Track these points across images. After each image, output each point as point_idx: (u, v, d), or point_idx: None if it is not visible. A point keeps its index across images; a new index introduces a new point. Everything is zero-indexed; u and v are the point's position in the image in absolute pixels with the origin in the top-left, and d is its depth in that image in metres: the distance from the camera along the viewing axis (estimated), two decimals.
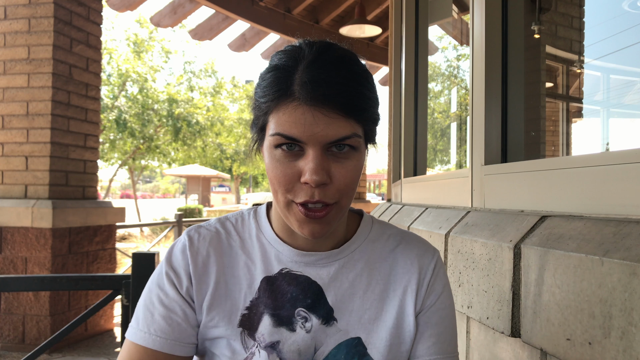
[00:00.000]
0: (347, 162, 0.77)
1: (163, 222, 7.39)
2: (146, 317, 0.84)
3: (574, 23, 2.85)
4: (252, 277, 0.87)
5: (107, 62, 14.02)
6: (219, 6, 5.51)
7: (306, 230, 0.79)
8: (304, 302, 0.85)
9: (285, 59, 0.78)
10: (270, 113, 0.77)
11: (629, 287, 0.77)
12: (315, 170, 0.74)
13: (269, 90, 0.77)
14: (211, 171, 23.88)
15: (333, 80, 0.74)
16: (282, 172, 0.76)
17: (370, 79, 0.81)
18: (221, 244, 0.90)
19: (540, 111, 2.34)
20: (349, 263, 0.89)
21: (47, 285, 2.04)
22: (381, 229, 0.96)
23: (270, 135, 0.77)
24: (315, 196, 0.76)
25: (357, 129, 0.77)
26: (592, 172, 1.06)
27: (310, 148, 0.74)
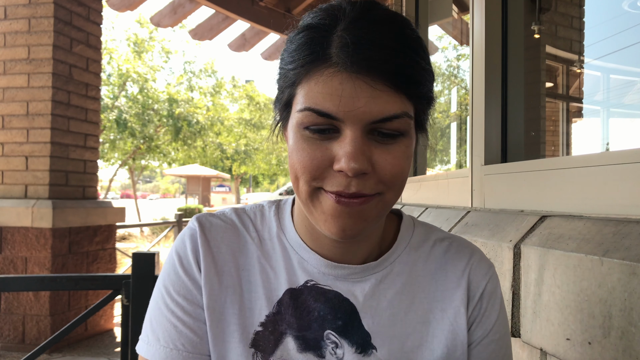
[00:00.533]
0: (394, 148, 0.61)
1: (163, 222, 7.39)
2: (168, 331, 0.69)
3: (574, 23, 2.85)
4: (271, 287, 0.71)
5: (107, 62, 14.02)
6: (219, 6, 5.51)
7: (335, 226, 0.61)
8: (333, 323, 0.69)
9: (321, 16, 0.62)
10: (299, 83, 0.61)
11: (629, 287, 0.77)
12: (354, 155, 0.57)
13: (298, 54, 0.61)
14: (211, 171, 23.88)
15: (383, 42, 0.58)
16: (309, 154, 0.60)
17: (426, 49, 0.64)
18: (237, 240, 0.74)
19: (540, 111, 2.34)
20: (388, 277, 0.72)
21: (47, 285, 2.04)
22: (425, 233, 0.78)
23: (297, 110, 0.61)
24: (352, 187, 0.59)
25: (408, 108, 0.61)
26: (592, 172, 1.06)
27: (347, 127, 0.58)
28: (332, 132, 0.60)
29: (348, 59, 0.57)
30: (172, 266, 0.72)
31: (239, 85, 21.61)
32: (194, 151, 17.14)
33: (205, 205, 24.54)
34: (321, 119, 0.59)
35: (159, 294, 0.72)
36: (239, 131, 20.81)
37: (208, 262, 0.71)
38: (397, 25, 0.61)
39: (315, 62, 0.59)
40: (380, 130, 0.60)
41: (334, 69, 0.58)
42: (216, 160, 22.45)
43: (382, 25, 0.60)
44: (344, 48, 0.57)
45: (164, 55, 15.73)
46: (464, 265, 0.74)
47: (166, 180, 63.97)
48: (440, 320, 0.71)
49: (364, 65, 0.57)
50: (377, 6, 0.62)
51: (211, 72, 18.40)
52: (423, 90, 0.62)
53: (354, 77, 0.57)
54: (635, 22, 2.25)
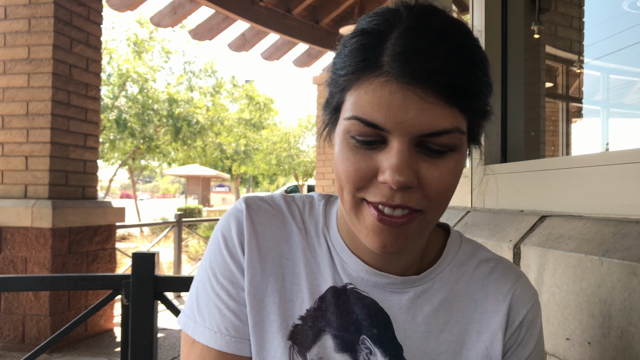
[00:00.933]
0: (443, 164, 0.59)
1: (163, 222, 7.39)
2: (212, 313, 0.69)
3: (573, 23, 2.85)
4: (315, 282, 0.70)
5: (107, 62, 14.02)
6: (219, 6, 5.51)
7: (376, 242, 0.60)
8: (369, 330, 0.68)
9: (377, 22, 0.59)
10: (349, 90, 0.60)
11: (629, 286, 0.77)
12: (399, 167, 0.56)
13: (349, 60, 0.59)
14: (211, 171, 23.88)
15: (436, 52, 0.55)
16: (354, 165, 0.59)
17: (485, 59, 0.61)
18: (284, 227, 0.72)
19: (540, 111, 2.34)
20: (427, 293, 0.70)
21: (47, 285, 2.04)
22: (471, 251, 0.75)
23: (345, 118, 0.60)
24: (396, 199, 0.58)
25: (460, 122, 0.58)
26: (592, 172, 1.06)
27: (395, 139, 0.57)
28: (378, 142, 0.58)
29: (399, 69, 0.55)
30: (217, 247, 0.71)
31: (238, 85, 21.62)
32: (194, 151, 17.14)
33: (205, 205, 24.54)
34: (368, 129, 0.57)
35: (205, 274, 0.71)
36: (239, 131, 20.81)
37: (252, 247, 0.69)
38: (455, 34, 0.58)
39: (365, 69, 0.58)
40: (429, 145, 0.58)
41: (384, 78, 0.56)
42: (216, 160, 22.45)
43: (439, 34, 0.57)
44: (396, 57, 0.55)
45: (164, 55, 15.73)
46: (507, 289, 0.71)
47: (166, 180, 63.97)
48: (475, 342, 0.69)
49: (415, 76, 0.55)
50: (436, 13, 0.60)
51: (211, 72, 18.40)
52: (478, 104, 0.60)
53: (404, 88, 0.55)
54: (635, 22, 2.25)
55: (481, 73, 0.59)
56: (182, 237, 6.56)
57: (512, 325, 0.70)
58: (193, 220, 8.66)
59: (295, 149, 21.72)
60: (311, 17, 6.78)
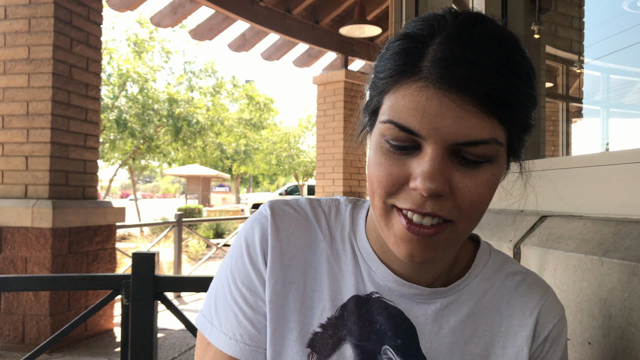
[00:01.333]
0: (478, 175, 0.58)
1: (163, 222, 7.40)
2: (229, 318, 0.68)
3: (574, 23, 2.85)
4: (337, 290, 0.68)
5: (107, 62, 14.02)
6: (219, 6, 5.51)
7: (404, 251, 0.60)
8: (393, 340, 0.67)
9: (421, 26, 0.59)
10: (387, 93, 0.59)
11: (629, 287, 0.77)
12: (431, 175, 0.55)
13: (390, 63, 0.59)
14: (211, 171, 23.88)
15: (478, 61, 0.54)
16: (386, 170, 0.58)
17: (530, 69, 0.60)
18: (308, 233, 0.71)
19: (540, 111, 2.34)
20: (454, 305, 0.69)
21: (47, 285, 2.04)
22: (499, 263, 0.74)
23: (381, 122, 0.59)
24: (427, 207, 0.57)
25: (498, 134, 0.57)
26: (592, 172, 1.06)
27: (429, 145, 0.56)
28: (412, 148, 0.57)
29: (438, 75, 0.54)
30: (239, 252, 0.70)
31: (239, 85, 21.62)
32: (194, 151, 17.14)
33: (205, 205, 24.55)
34: (402, 134, 0.57)
35: (225, 278, 0.71)
36: (239, 131, 20.81)
37: (275, 254, 0.69)
38: (501, 43, 0.57)
39: (405, 73, 0.57)
40: (464, 155, 0.56)
41: (422, 83, 0.55)
42: (216, 160, 22.45)
43: (483, 42, 0.56)
44: (437, 63, 0.55)
45: (164, 55, 15.72)
46: (534, 303, 0.70)
47: (166, 180, 63.98)
48: (500, 356, 0.68)
49: (454, 83, 0.54)
50: (483, 21, 0.59)
51: (211, 72, 18.40)
52: (519, 116, 0.58)
53: (441, 94, 0.54)
54: (635, 22, 2.25)
55: (524, 85, 0.57)
56: (182, 237, 6.56)
57: (537, 340, 0.69)
58: (193, 220, 8.66)
59: (295, 149, 21.72)
60: (311, 17, 6.78)
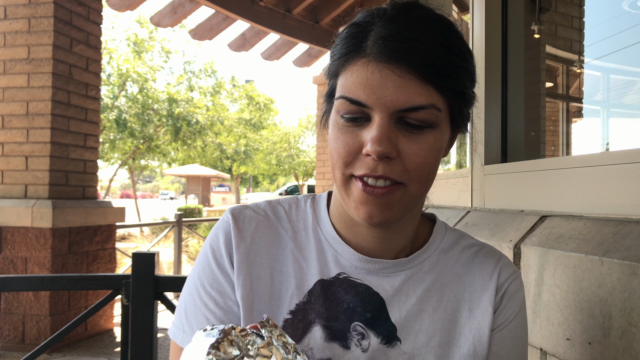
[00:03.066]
0: (421, 139, 0.64)
1: (163, 222, 7.39)
2: (200, 322, 0.71)
3: (574, 23, 2.85)
4: (303, 277, 0.73)
5: (107, 62, 14.02)
6: (219, 6, 5.51)
7: (363, 212, 0.65)
8: (362, 315, 0.71)
9: (365, 15, 0.67)
10: (339, 75, 0.67)
11: (629, 287, 0.77)
12: (379, 139, 0.61)
13: (340, 48, 0.67)
14: (211, 171, 23.88)
15: (413, 36, 0.61)
16: (342, 142, 0.65)
17: (464, 47, 0.67)
18: (270, 231, 0.76)
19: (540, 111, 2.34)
20: (417, 275, 0.74)
21: (47, 285, 2.04)
22: (455, 238, 0.81)
23: (335, 99, 0.66)
24: (379, 170, 0.63)
25: (436, 100, 0.63)
26: (592, 172, 1.06)
27: (376, 114, 0.62)
28: (363, 120, 0.64)
29: (378, 50, 0.61)
30: (206, 260, 0.75)
31: (238, 85, 21.61)
32: (194, 151, 17.14)
33: (205, 205, 24.54)
34: (353, 107, 0.64)
35: (193, 286, 0.74)
36: (239, 131, 20.80)
37: (240, 253, 0.73)
38: (435, 23, 0.64)
39: (351, 53, 0.65)
40: (408, 120, 0.63)
41: (365, 59, 0.63)
42: (216, 160, 22.45)
43: (418, 21, 0.63)
44: (377, 41, 0.62)
45: (164, 55, 15.72)
46: (491, 268, 0.76)
47: (166, 180, 63.97)
48: (468, 319, 0.73)
49: (392, 55, 0.61)
50: (417, 6, 0.66)
51: (211, 72, 18.40)
52: (453, 85, 0.64)
53: (382, 67, 0.61)
54: (635, 22, 2.25)
55: (457, 58, 0.64)
56: (182, 237, 6.56)
57: (497, 296, 0.75)
58: (193, 220, 8.66)
59: (295, 149, 21.72)
60: (311, 17, 6.78)
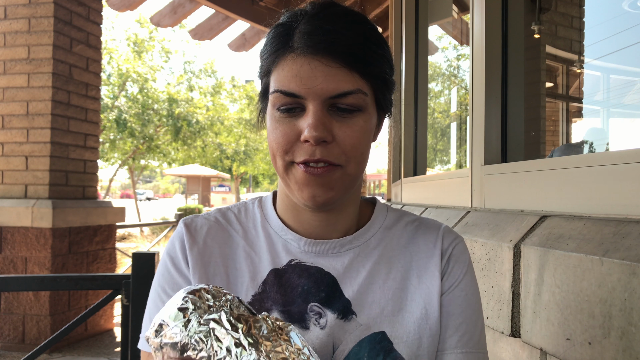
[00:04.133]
0: (353, 122, 0.70)
1: (163, 222, 7.39)
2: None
3: (574, 23, 2.85)
4: (255, 270, 0.78)
5: (107, 62, 14.01)
6: (219, 6, 5.51)
7: (306, 193, 0.71)
8: (317, 296, 0.76)
9: (287, 16, 0.73)
10: (271, 72, 0.72)
11: (629, 287, 0.77)
12: (315, 125, 0.67)
13: (268, 47, 0.73)
14: (211, 171, 23.87)
15: (335, 29, 0.68)
16: (281, 131, 0.70)
17: (380, 37, 0.73)
18: (221, 233, 0.82)
19: (540, 111, 2.34)
20: (365, 251, 0.80)
21: (47, 285, 2.04)
22: (397, 216, 0.87)
23: (270, 94, 0.72)
24: (317, 154, 0.68)
25: (362, 85, 0.69)
26: (592, 172, 1.06)
27: (310, 103, 0.68)
28: (299, 110, 0.69)
29: (305, 44, 0.68)
30: (164, 266, 0.80)
31: (238, 85, 21.60)
32: (194, 151, 17.14)
33: (205, 205, 24.54)
34: (288, 99, 0.69)
35: (155, 294, 0.79)
36: (239, 131, 20.80)
37: (194, 255, 0.79)
38: (352, 17, 0.71)
39: (279, 50, 0.70)
40: (339, 106, 0.69)
41: (294, 54, 0.69)
42: (216, 160, 22.43)
43: (337, 17, 0.70)
44: (303, 36, 0.68)
45: (164, 55, 15.72)
46: (434, 236, 0.82)
47: (166, 180, 63.97)
48: (417, 285, 0.78)
49: (318, 48, 0.67)
50: (335, 4, 0.72)
51: (211, 72, 18.39)
52: (376, 70, 0.71)
53: (310, 59, 0.68)
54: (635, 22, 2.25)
55: (376, 47, 0.71)
56: None
57: (443, 261, 0.80)
58: None
59: None
60: None
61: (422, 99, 2.95)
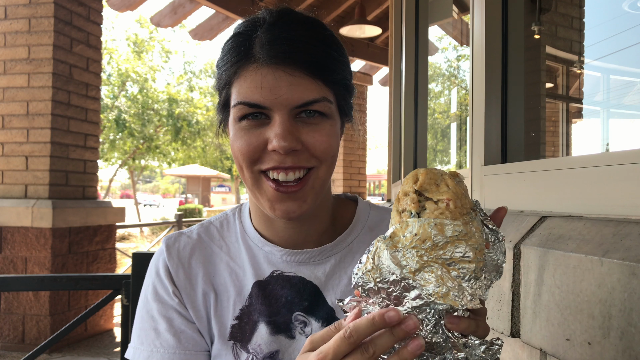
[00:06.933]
0: (320, 128, 0.70)
1: (163, 222, 7.40)
2: (148, 334, 0.77)
3: (574, 23, 2.85)
4: (240, 284, 0.79)
5: (107, 62, 14.02)
6: (219, 6, 5.51)
7: (279, 211, 0.70)
8: (300, 305, 0.77)
9: (245, 24, 0.72)
10: (232, 83, 0.71)
11: (629, 287, 0.77)
12: (283, 135, 0.66)
13: (227, 58, 0.71)
14: (211, 171, 23.87)
15: (296, 38, 0.68)
16: (245, 141, 0.69)
17: (339, 43, 0.74)
18: (204, 252, 0.82)
19: (540, 111, 2.34)
20: (347, 257, 0.79)
21: (47, 285, 2.04)
22: (380, 214, 0.86)
23: (232, 106, 0.70)
24: (287, 162, 0.68)
25: (326, 93, 0.69)
26: (592, 172, 1.06)
27: (275, 113, 0.67)
28: (263, 117, 0.69)
29: (267, 54, 0.66)
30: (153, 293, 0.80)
31: None
32: (194, 151, 17.14)
33: (205, 205, 24.53)
34: (252, 110, 0.68)
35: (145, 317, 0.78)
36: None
37: (181, 279, 0.79)
38: (311, 25, 0.71)
39: (241, 61, 0.68)
40: (305, 114, 0.69)
41: (257, 64, 0.67)
42: (216, 161, 22.44)
43: (297, 24, 0.69)
44: (264, 46, 0.67)
45: (164, 55, 15.73)
46: None
47: (166, 180, 63.97)
48: None
49: (281, 57, 0.66)
50: (292, 12, 0.72)
51: (211, 72, 18.39)
52: (338, 77, 0.71)
53: (273, 69, 0.66)
54: (635, 23, 2.25)
55: (336, 54, 0.71)
56: None
57: None
58: (193, 220, 8.67)
59: None
60: None
61: (422, 99, 2.95)
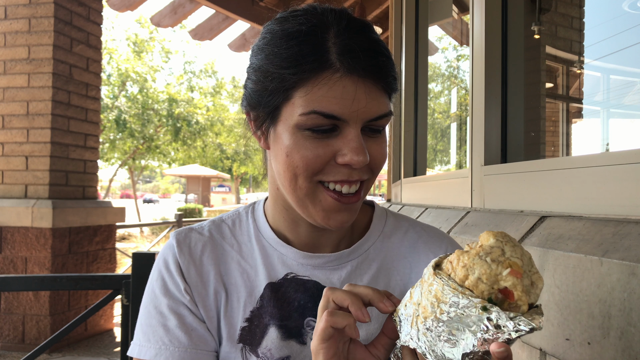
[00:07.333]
0: (381, 140, 0.70)
1: (163, 222, 7.40)
2: (156, 330, 0.74)
3: (574, 23, 2.85)
4: (252, 285, 0.76)
5: (107, 62, 14.01)
6: (219, 6, 5.51)
7: (334, 220, 0.69)
8: (313, 311, 0.74)
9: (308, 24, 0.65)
10: (298, 88, 0.64)
11: (628, 287, 0.77)
12: (359, 150, 0.64)
13: (297, 59, 0.64)
14: (211, 171, 23.88)
15: (372, 49, 0.65)
16: (312, 152, 0.65)
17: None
18: (216, 250, 0.79)
19: (540, 111, 2.34)
20: (364, 264, 0.77)
21: (47, 285, 2.04)
22: (397, 222, 0.84)
23: (301, 114, 0.64)
24: (355, 176, 0.67)
25: (390, 106, 0.69)
26: (592, 172, 1.06)
27: (350, 126, 0.65)
28: (331, 130, 0.65)
29: (350, 65, 0.63)
30: (162, 288, 0.77)
31: (239, 85, 21.60)
32: (194, 151, 17.14)
33: (205, 205, 24.53)
34: (327, 121, 0.64)
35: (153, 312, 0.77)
36: (239, 131, 20.79)
37: (192, 276, 0.77)
38: (372, 30, 0.68)
39: (317, 68, 0.63)
40: (371, 127, 0.67)
41: (338, 74, 0.63)
42: (216, 161, 22.44)
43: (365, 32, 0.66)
44: (344, 55, 0.63)
45: (164, 55, 15.73)
46: (437, 246, 0.80)
47: (166, 180, 63.97)
48: None
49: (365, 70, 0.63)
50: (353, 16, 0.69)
51: (211, 73, 18.40)
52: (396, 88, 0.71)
53: (354, 81, 0.63)
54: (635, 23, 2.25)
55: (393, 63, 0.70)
56: None
57: None
58: (193, 220, 8.67)
59: None
60: None
61: (422, 99, 2.95)
